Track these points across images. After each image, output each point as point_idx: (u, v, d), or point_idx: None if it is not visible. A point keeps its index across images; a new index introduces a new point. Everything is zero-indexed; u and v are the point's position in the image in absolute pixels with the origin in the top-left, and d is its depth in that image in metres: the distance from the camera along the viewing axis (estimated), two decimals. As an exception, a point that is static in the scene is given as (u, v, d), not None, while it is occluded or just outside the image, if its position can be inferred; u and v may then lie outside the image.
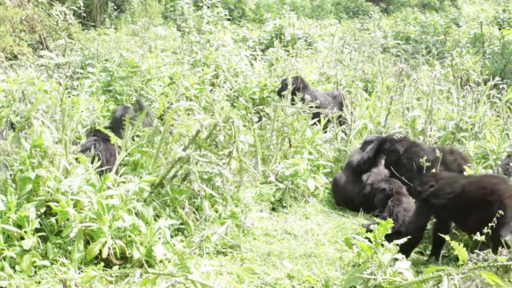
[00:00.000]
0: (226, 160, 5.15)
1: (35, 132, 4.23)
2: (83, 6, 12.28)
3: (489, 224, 3.52)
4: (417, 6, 18.71)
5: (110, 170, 4.66)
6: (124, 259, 4.00)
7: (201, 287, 3.36)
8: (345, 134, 6.35)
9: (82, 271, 3.74)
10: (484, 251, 3.39)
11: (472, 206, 4.09)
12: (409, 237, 3.77)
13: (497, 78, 7.05)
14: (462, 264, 3.24)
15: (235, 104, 8.18)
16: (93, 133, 5.42)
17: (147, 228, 4.07)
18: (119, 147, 4.87)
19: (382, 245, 3.48)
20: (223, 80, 8.74)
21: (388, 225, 3.42)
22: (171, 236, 4.34)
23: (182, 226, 4.58)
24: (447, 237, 3.56)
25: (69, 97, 6.69)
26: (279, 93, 7.64)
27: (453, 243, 3.31)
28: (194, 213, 4.71)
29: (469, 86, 6.71)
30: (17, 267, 3.67)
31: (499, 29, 12.24)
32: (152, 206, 4.41)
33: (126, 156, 4.99)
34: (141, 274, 3.61)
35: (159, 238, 4.13)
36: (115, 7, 13.33)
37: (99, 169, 4.60)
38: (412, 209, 4.58)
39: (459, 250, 3.27)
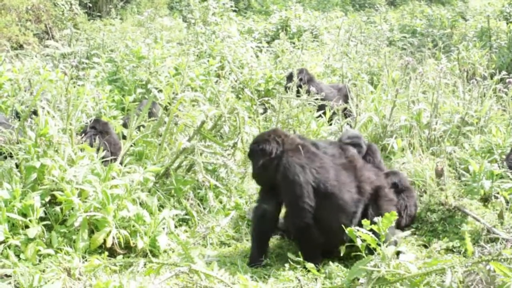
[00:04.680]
0: (231, 151, 5.16)
1: (40, 121, 4.24)
2: (89, -4, 12.30)
3: None
4: (424, 0, 18.61)
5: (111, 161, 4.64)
6: (128, 248, 4.01)
7: (204, 277, 3.37)
8: (350, 126, 6.33)
9: (86, 260, 3.75)
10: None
11: None
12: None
13: (504, 72, 6.97)
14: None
15: (240, 95, 8.16)
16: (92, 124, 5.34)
17: (151, 218, 4.08)
18: (124, 137, 4.86)
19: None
20: (229, 72, 8.71)
21: (392, 217, 3.40)
22: (175, 227, 4.35)
23: (187, 217, 4.59)
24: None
25: (74, 87, 6.69)
26: (286, 88, 7.61)
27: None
28: (198, 204, 4.72)
29: (475, 80, 6.66)
30: (21, 256, 3.68)
31: (506, 23, 12.17)
32: (156, 197, 4.42)
33: (131, 146, 4.99)
34: (145, 264, 3.62)
35: (163, 228, 4.14)
36: (121, -3, 13.34)
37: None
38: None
39: (466, 243, 3.26)
